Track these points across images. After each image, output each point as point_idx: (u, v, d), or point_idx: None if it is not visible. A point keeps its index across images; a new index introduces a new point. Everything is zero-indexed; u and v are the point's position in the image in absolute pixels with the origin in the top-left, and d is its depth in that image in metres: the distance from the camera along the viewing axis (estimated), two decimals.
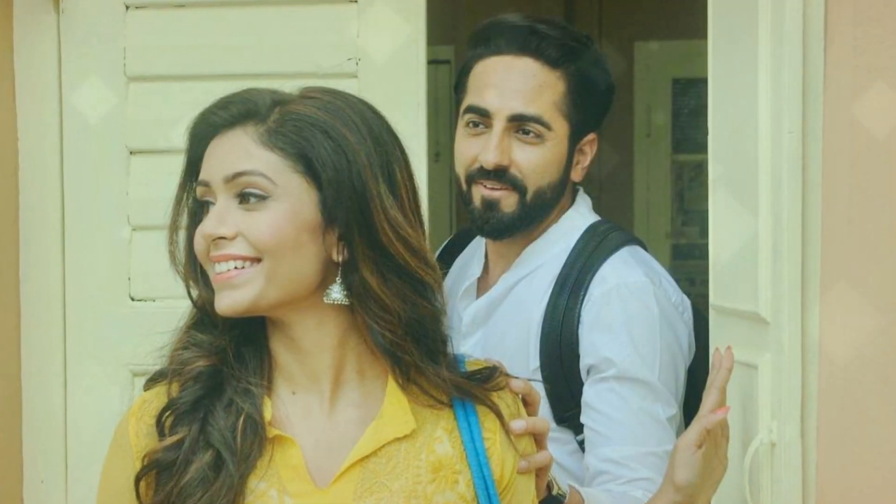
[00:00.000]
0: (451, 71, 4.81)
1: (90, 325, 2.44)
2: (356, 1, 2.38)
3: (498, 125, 2.08)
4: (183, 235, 1.54)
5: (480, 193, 2.11)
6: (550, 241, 2.16)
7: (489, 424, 1.56)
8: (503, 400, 1.59)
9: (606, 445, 1.99)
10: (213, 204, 1.49)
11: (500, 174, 2.09)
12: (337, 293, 1.48)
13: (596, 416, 2.02)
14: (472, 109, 2.12)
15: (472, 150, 2.12)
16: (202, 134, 1.52)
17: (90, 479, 1.65)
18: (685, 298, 2.16)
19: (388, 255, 1.48)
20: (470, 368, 1.58)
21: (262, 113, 1.48)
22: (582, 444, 2.06)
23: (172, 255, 1.55)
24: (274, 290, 1.47)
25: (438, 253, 2.39)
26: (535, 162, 2.09)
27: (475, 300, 2.21)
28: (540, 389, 1.71)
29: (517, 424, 1.58)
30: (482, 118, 2.11)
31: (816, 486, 1.87)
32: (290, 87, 1.54)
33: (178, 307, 1.58)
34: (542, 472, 1.65)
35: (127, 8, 2.42)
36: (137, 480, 1.49)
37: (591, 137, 2.17)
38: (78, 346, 2.45)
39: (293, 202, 1.46)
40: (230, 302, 1.47)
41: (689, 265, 5.05)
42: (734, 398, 1.92)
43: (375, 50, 2.36)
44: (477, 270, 2.24)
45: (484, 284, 2.23)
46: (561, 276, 2.10)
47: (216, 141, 1.50)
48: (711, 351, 1.96)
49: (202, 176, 1.50)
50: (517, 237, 2.16)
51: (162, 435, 1.49)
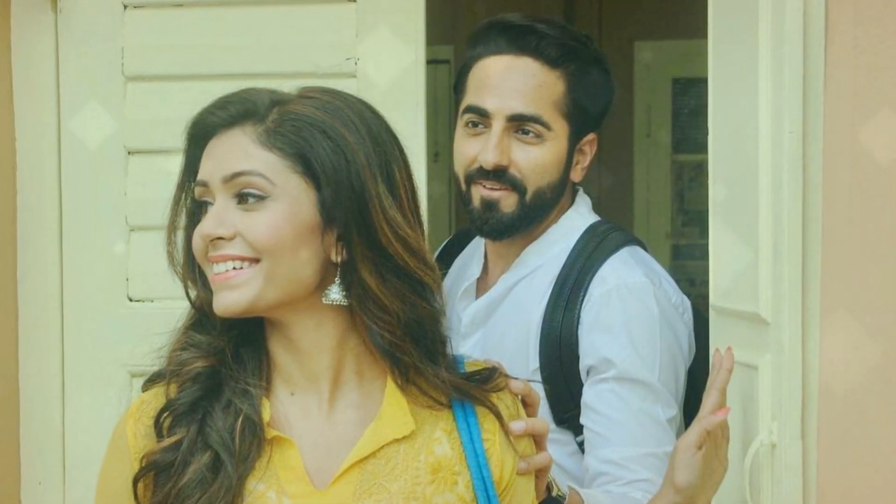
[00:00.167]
0: (450, 71, 4.80)
1: (88, 325, 2.44)
2: (355, 0, 2.38)
3: (497, 125, 2.08)
4: (181, 236, 1.54)
5: (480, 194, 2.11)
6: (550, 241, 2.15)
7: (488, 425, 1.56)
8: (502, 401, 1.58)
9: (606, 447, 1.99)
10: (211, 204, 1.49)
11: (499, 174, 2.09)
12: (336, 294, 1.48)
13: (596, 417, 2.01)
14: (471, 109, 2.11)
15: (471, 150, 2.11)
16: (200, 134, 1.51)
17: (88, 480, 1.65)
18: (685, 299, 2.15)
19: (386, 255, 1.47)
20: (469, 369, 1.58)
21: (260, 113, 1.48)
22: (582, 445, 2.05)
23: (171, 255, 1.54)
24: (272, 290, 1.47)
25: (437, 253, 2.39)
26: (534, 162, 2.09)
27: (474, 301, 2.21)
28: (539, 390, 1.70)
29: (516, 425, 1.58)
30: (481, 118, 2.10)
31: (817, 486, 1.87)
32: (288, 86, 1.54)
33: (176, 308, 1.58)
34: (541, 473, 1.64)
35: (125, 7, 2.41)
36: (135, 482, 1.48)
37: (590, 137, 2.17)
38: (76, 346, 2.44)
39: (292, 202, 1.46)
40: (228, 302, 1.47)
41: (689, 265, 5.05)
42: (734, 399, 1.92)
43: (374, 50, 2.36)
44: (476, 271, 2.24)
45: (483, 285, 2.22)
46: (560, 276, 2.10)
47: (214, 141, 1.50)
48: (712, 352, 1.96)
49: (200, 176, 1.50)
50: (517, 237, 2.15)
51: (160, 436, 1.49)
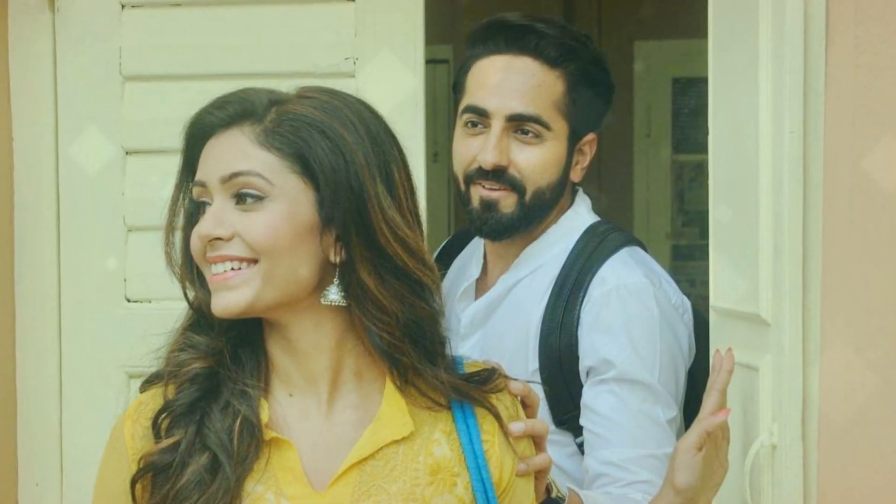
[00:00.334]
0: (449, 70, 4.80)
1: (86, 326, 2.43)
2: (354, 0, 2.37)
3: (496, 125, 2.07)
4: (179, 236, 1.54)
5: (479, 194, 2.11)
6: (549, 241, 2.15)
7: (488, 427, 1.56)
8: (502, 402, 1.58)
9: (606, 448, 1.99)
10: (209, 204, 1.48)
11: (498, 174, 2.09)
12: (334, 294, 1.48)
13: (595, 418, 2.01)
14: (470, 109, 2.11)
15: (470, 150, 2.11)
16: (198, 134, 1.51)
17: (85, 481, 1.65)
18: (685, 300, 2.15)
19: (385, 255, 1.47)
20: (468, 370, 1.58)
21: (258, 113, 1.48)
22: (581, 446, 2.05)
23: (168, 256, 1.54)
24: (271, 291, 1.46)
25: (437, 254, 2.38)
26: (534, 162, 2.08)
27: (474, 301, 2.21)
28: (539, 391, 1.70)
29: (516, 427, 1.57)
30: (481, 118, 2.10)
31: (817, 488, 1.86)
32: (287, 86, 1.53)
33: (174, 308, 1.57)
34: (540, 474, 1.64)
35: (123, 7, 2.41)
36: (133, 483, 1.48)
37: (590, 137, 2.16)
38: (73, 347, 2.44)
39: (290, 203, 1.45)
40: (227, 303, 1.47)
41: (689, 266, 5.04)
42: (735, 400, 1.92)
43: (373, 49, 2.35)
44: (475, 271, 2.24)
45: (482, 286, 2.22)
46: (560, 277, 2.09)
47: (212, 141, 1.49)
48: (712, 353, 1.96)
49: (198, 176, 1.49)
50: (516, 238, 2.15)
51: (158, 437, 1.48)
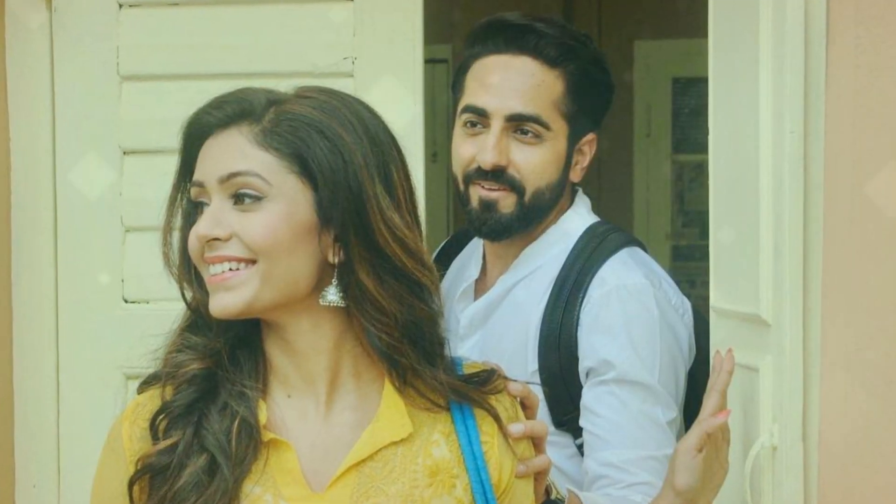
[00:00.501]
0: (448, 70, 4.80)
1: (83, 327, 2.43)
2: None
3: (496, 125, 2.07)
4: (177, 237, 1.54)
5: (478, 194, 2.10)
6: (549, 242, 2.15)
7: (487, 428, 1.55)
8: (501, 403, 1.57)
9: (606, 449, 1.98)
10: (207, 205, 1.48)
11: (497, 175, 2.08)
12: (333, 295, 1.48)
13: (595, 419, 2.00)
14: (469, 109, 2.10)
15: (469, 150, 2.10)
16: (196, 134, 1.51)
17: (83, 483, 1.65)
18: (685, 300, 2.14)
19: (384, 256, 1.47)
20: (467, 371, 1.58)
21: (257, 113, 1.48)
22: (581, 447, 2.05)
23: (166, 256, 1.54)
24: (269, 291, 1.46)
25: (435, 254, 2.38)
26: (533, 162, 2.08)
27: (473, 302, 2.20)
28: (538, 392, 1.70)
29: (515, 428, 1.57)
30: (480, 118, 2.09)
31: (818, 489, 1.86)
32: (285, 86, 1.53)
33: (171, 309, 1.57)
34: (540, 476, 1.64)
35: (120, 6, 2.41)
36: (131, 485, 1.48)
37: (590, 137, 2.16)
38: (71, 348, 2.44)
39: (288, 203, 1.45)
40: (225, 304, 1.47)
41: (689, 267, 5.04)
42: (735, 401, 1.92)
43: (372, 49, 2.35)
44: (474, 272, 2.23)
45: (482, 286, 2.22)
46: (560, 277, 2.09)
47: (210, 141, 1.49)
48: (712, 353, 1.95)
49: (196, 176, 1.49)
50: (515, 238, 2.14)
51: (156, 439, 1.48)
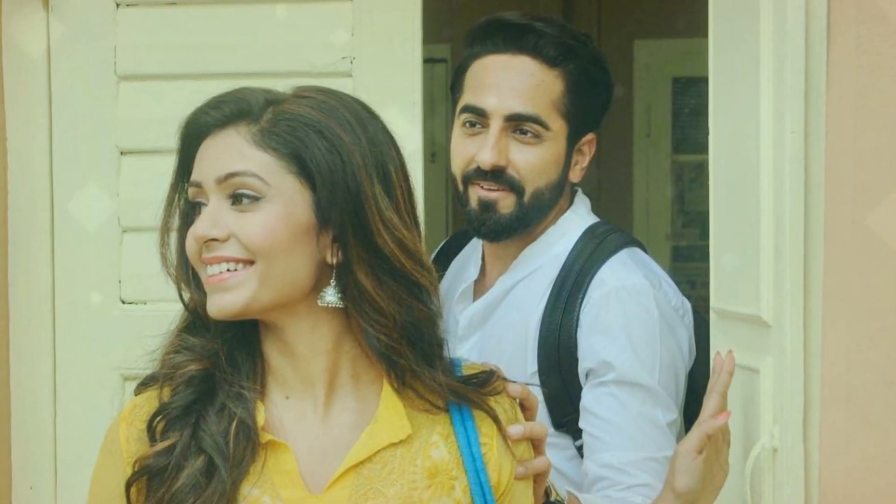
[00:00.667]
0: (447, 70, 4.80)
1: (80, 328, 2.43)
2: None
3: (495, 125, 2.07)
4: (174, 237, 1.53)
5: (477, 194, 2.10)
6: (548, 242, 2.14)
7: (486, 429, 1.55)
8: (500, 405, 1.57)
9: (605, 451, 1.98)
10: (205, 205, 1.48)
11: (497, 175, 2.08)
12: (331, 296, 1.47)
13: (595, 420, 2.00)
14: (468, 109, 2.10)
15: (468, 150, 2.10)
16: (194, 134, 1.51)
17: (80, 485, 1.64)
18: (685, 301, 2.14)
19: (383, 257, 1.46)
20: (466, 373, 1.58)
21: (254, 113, 1.47)
22: (580, 449, 2.04)
23: (164, 257, 1.54)
24: (267, 292, 1.46)
25: (434, 255, 2.38)
26: (532, 162, 2.08)
27: (472, 303, 2.20)
28: (538, 394, 1.70)
29: (514, 429, 1.57)
30: (479, 118, 2.09)
31: (819, 491, 1.86)
32: (283, 86, 1.53)
33: (169, 310, 1.57)
34: (539, 477, 1.64)
35: (117, 5, 2.41)
36: (128, 486, 1.48)
37: (589, 137, 2.16)
38: (67, 349, 2.43)
39: (286, 203, 1.45)
40: (222, 305, 1.46)
41: (689, 267, 5.05)
42: (735, 403, 1.92)
43: (370, 48, 2.35)
44: (473, 273, 2.23)
45: (481, 287, 2.21)
46: (559, 278, 2.08)
47: (208, 141, 1.49)
48: (712, 354, 1.95)
49: (194, 177, 1.49)
50: (514, 239, 2.14)
51: (153, 440, 1.48)
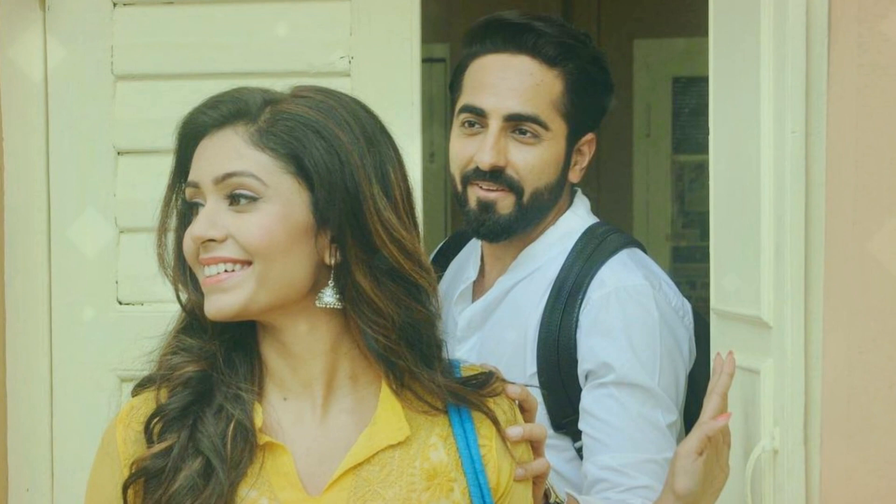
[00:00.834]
0: (446, 69, 4.80)
1: (77, 329, 2.43)
2: None
3: (494, 125, 2.06)
4: (172, 238, 1.53)
5: (476, 195, 2.09)
6: (548, 243, 2.14)
7: (485, 431, 1.55)
8: (499, 406, 1.57)
9: (605, 452, 1.98)
10: (202, 205, 1.48)
11: (496, 175, 2.07)
12: (329, 297, 1.47)
13: (594, 422, 2.00)
14: (467, 109, 2.10)
15: (467, 150, 2.09)
16: (191, 134, 1.51)
17: (77, 486, 1.64)
18: (686, 302, 2.14)
19: (381, 257, 1.46)
20: (465, 374, 1.58)
21: (252, 112, 1.47)
22: (580, 451, 2.04)
23: (161, 257, 1.54)
24: (265, 293, 1.46)
25: (433, 256, 2.38)
26: (531, 162, 2.07)
27: (471, 304, 2.20)
28: (537, 395, 1.70)
29: (514, 431, 1.56)
30: (478, 118, 2.08)
31: (820, 493, 1.86)
32: (281, 85, 1.53)
33: (166, 311, 1.57)
34: (539, 479, 1.63)
35: (114, 5, 2.41)
36: (125, 488, 1.47)
37: (589, 137, 2.15)
38: (64, 350, 2.43)
39: (284, 204, 1.45)
40: (220, 306, 1.46)
41: (689, 268, 5.05)
42: (736, 404, 1.92)
43: (369, 48, 2.34)
44: (472, 274, 2.23)
45: (480, 288, 2.21)
46: (558, 279, 2.08)
47: (206, 141, 1.49)
48: (712, 356, 1.95)
49: (191, 177, 1.49)
50: (514, 239, 2.14)
51: (150, 442, 1.48)
